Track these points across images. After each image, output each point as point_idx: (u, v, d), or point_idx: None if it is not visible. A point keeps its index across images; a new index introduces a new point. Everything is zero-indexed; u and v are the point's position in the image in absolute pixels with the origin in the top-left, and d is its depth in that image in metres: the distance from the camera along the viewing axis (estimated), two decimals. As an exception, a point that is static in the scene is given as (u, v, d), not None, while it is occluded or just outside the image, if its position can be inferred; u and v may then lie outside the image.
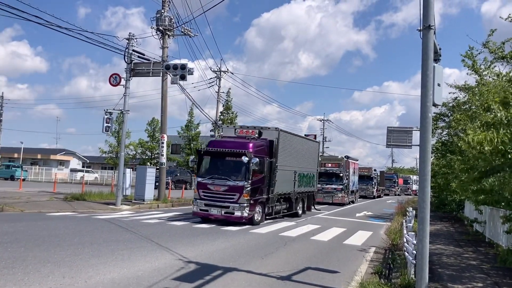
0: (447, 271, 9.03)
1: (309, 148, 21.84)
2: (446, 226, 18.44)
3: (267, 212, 16.97)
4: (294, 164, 19.26)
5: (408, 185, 74.47)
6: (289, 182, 18.68)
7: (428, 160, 6.32)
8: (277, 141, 17.02)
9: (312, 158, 22.15)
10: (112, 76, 21.07)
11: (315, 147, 23.36)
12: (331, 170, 32.05)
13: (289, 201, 19.12)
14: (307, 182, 21.17)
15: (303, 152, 20.62)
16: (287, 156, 18.27)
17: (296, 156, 19.53)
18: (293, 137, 19.63)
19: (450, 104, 20.15)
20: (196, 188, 16.33)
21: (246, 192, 15.31)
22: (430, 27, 6.28)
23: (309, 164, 21.61)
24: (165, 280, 7.22)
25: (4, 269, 7.27)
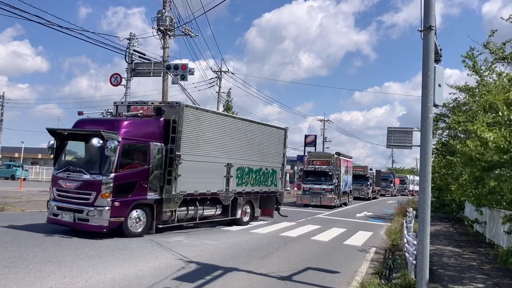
0: (447, 271, 9.03)
1: (266, 137, 17.13)
2: (446, 227, 18.45)
3: (163, 219, 12.43)
4: (228, 155, 14.74)
5: (405, 185, 72.09)
6: (214, 179, 14.13)
7: (428, 161, 6.33)
8: (179, 121, 12.48)
9: (272, 150, 17.58)
10: (113, 76, 21.14)
11: (278, 136, 18.07)
12: (319, 168, 29.25)
13: (220, 204, 14.62)
14: (261, 180, 16.72)
15: (250, 140, 16.09)
16: (209, 143, 13.84)
17: (232, 144, 14.99)
18: (224, 119, 15.01)
19: (450, 104, 20.16)
20: (51, 185, 12.41)
21: (106, 190, 11.01)
22: (431, 27, 6.29)
23: (266, 157, 17.07)
24: (165, 280, 7.23)
25: (5, 268, 7.28)
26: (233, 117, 16.97)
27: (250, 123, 16.67)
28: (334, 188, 28.57)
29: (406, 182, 72.93)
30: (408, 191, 70.91)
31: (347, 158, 33.93)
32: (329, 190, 28.27)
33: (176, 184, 12.52)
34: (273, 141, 17.69)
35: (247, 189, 15.85)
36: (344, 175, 31.67)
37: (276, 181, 17.83)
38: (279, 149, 18.16)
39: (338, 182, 29.39)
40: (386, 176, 61.22)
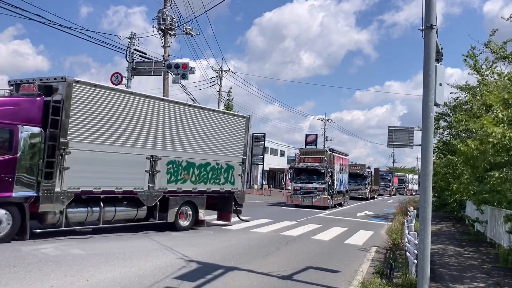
0: (448, 271, 9.02)
1: (217, 125, 14.32)
2: (447, 226, 18.43)
3: (49, 222, 10.40)
4: (152, 146, 12.26)
5: (404, 184, 70.16)
6: (129, 174, 11.71)
7: (430, 160, 6.32)
8: (65, 101, 10.22)
9: (228, 141, 14.76)
10: (113, 75, 21.14)
11: (236, 125, 15.13)
12: (311, 166, 27.07)
13: (142, 204, 12.14)
14: (208, 176, 13.97)
15: (191, 129, 13.47)
16: (119, 130, 11.38)
17: (160, 133, 12.49)
18: (145, 102, 12.14)
19: (451, 104, 20.17)
20: None
21: None
22: (432, 26, 6.29)
23: (218, 149, 14.33)
24: (166, 279, 7.23)
25: (6, 267, 7.28)
26: (160, 99, 13.26)
27: (190, 108, 13.79)
28: (327, 187, 26.42)
29: (405, 181, 71.10)
30: (407, 190, 69.25)
31: (342, 155, 31.99)
32: (321, 190, 26.09)
33: (63, 179, 10.25)
34: (229, 131, 14.81)
35: (185, 187, 13.25)
36: (339, 173, 29.58)
37: (234, 179, 14.97)
38: (239, 141, 15.24)
39: (332, 180, 27.29)
40: (385, 175, 59.31)
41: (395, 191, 63.14)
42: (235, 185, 15.09)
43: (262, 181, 57.01)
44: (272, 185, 57.85)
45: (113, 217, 11.61)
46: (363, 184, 42.02)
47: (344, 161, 32.08)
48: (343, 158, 31.96)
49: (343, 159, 31.68)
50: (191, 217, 13.58)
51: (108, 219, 11.48)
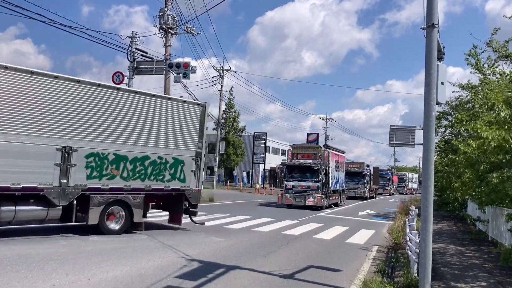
0: (450, 270, 9.02)
1: (161, 114, 12.50)
2: (449, 225, 18.42)
3: None
4: (64, 135, 10.55)
5: (404, 183, 68.07)
6: (32, 167, 10.02)
7: (431, 159, 6.31)
8: None
9: (177, 133, 12.80)
10: (115, 74, 21.14)
11: (188, 114, 13.13)
12: (304, 163, 25.16)
13: (51, 204, 10.38)
14: (148, 172, 12.14)
15: (124, 117, 11.62)
16: (19, 114, 9.77)
17: (77, 121, 10.74)
18: (54, 84, 10.37)
19: (453, 103, 20.14)
20: None
21: None
22: (434, 25, 6.28)
23: (162, 141, 12.49)
24: (168, 278, 7.24)
25: (7, 266, 7.30)
26: (75, 81, 10.92)
27: (121, 92, 11.88)
28: (321, 185, 24.66)
29: (405, 180, 69.12)
30: (407, 189, 67.51)
31: (338, 152, 30.30)
32: (315, 188, 24.33)
33: None
34: (177, 121, 12.86)
35: (113, 184, 11.39)
36: (335, 171, 27.84)
37: (184, 175, 12.95)
38: (191, 132, 13.22)
39: (327, 179, 25.47)
40: (384, 174, 57.33)
41: (395, 190, 61.66)
42: (186, 183, 13.01)
43: (264, 180, 57.05)
44: (274, 184, 57.87)
45: (13, 218, 9.88)
46: (362, 183, 40.41)
47: (340, 159, 30.34)
48: (339, 155, 30.39)
49: (339, 156, 30.01)
50: (123, 220, 11.71)
51: (6, 220, 9.82)
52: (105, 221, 11.36)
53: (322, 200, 24.42)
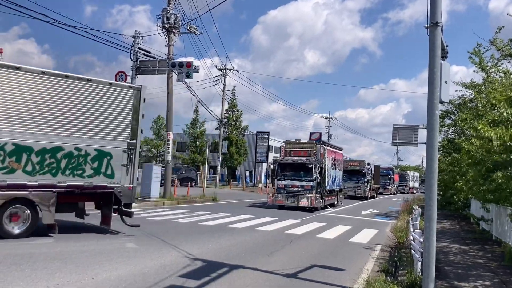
0: (453, 269, 9.00)
1: (81, 98, 10.81)
2: (452, 224, 18.38)
3: None
4: None
5: (406, 182, 65.89)
6: None
7: (435, 158, 6.29)
8: None
9: (101, 120, 11.11)
10: (118, 74, 21.17)
11: (118, 99, 11.49)
12: (298, 160, 23.21)
13: None
14: (64, 166, 10.49)
15: (29, 101, 9.98)
16: None
17: None
18: None
19: (456, 102, 20.08)
20: None
21: None
22: (437, 24, 6.25)
23: (80, 129, 10.75)
24: (171, 277, 7.25)
25: (12, 265, 7.32)
26: None
27: (23, 73, 9.99)
28: (316, 185, 22.60)
29: (406, 179, 67.02)
30: (409, 188, 65.43)
31: (335, 150, 28.18)
32: (309, 188, 22.33)
33: None
34: (102, 106, 11.18)
35: (13, 179, 9.78)
36: (331, 169, 25.80)
37: (113, 170, 11.33)
38: (122, 120, 11.57)
39: (322, 177, 23.58)
40: (385, 173, 54.91)
41: (396, 189, 60.11)
42: (115, 179, 11.34)
43: (266, 179, 57.03)
44: (276, 183, 57.81)
45: None
46: (362, 182, 38.51)
47: (337, 156, 28.25)
48: (337, 153, 28.17)
49: (336, 154, 27.79)
50: (28, 221, 10.02)
51: None
52: (4, 223, 9.63)
53: (316, 200, 22.46)
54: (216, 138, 48.79)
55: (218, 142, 46.12)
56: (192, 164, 49.17)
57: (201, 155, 50.94)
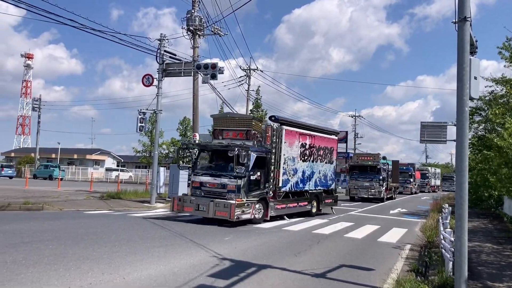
0: (486, 269, 8.80)
1: None
2: (484, 223, 17.95)
3: None
4: None
5: (427, 179, 59.87)
6: None
7: (465, 156, 6.17)
8: None
9: None
10: (145, 76, 21.48)
11: None
12: (226, 144, 15.36)
13: None
14: None
15: None
16: None
17: None
18: None
19: (486, 98, 19.61)
20: None
21: None
22: (466, 19, 6.13)
23: None
24: (200, 277, 7.32)
25: (47, 265, 7.53)
26: None
27: None
28: (246, 184, 14.65)
29: (427, 176, 60.53)
30: (430, 186, 60.39)
31: (310, 132, 18.42)
32: (232, 189, 14.52)
33: None
34: None
35: None
36: (297, 160, 17.10)
37: None
38: None
39: (266, 172, 15.56)
40: (404, 169, 48.22)
41: (417, 188, 53.44)
42: None
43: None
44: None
45: None
46: (377, 181, 31.71)
47: (319, 142, 18.94)
48: (316, 137, 18.72)
49: (314, 138, 18.53)
50: None
51: None
52: None
53: (246, 210, 14.29)
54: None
55: (244, 142, 46.10)
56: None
57: (227, 155, 51.07)
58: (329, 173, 20.10)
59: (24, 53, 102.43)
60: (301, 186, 17.76)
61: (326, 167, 19.85)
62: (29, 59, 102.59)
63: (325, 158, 19.62)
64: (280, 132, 16.03)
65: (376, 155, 33.75)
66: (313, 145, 18.46)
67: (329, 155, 20.01)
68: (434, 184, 64.12)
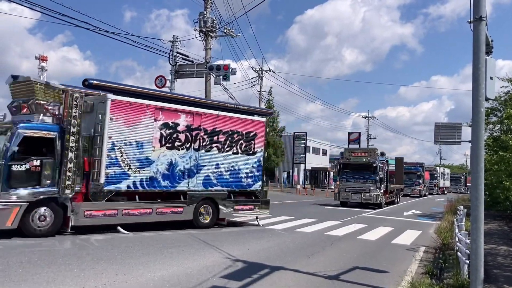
0: (503, 272, 8.67)
1: None
2: (500, 225, 17.71)
3: None
4: None
5: (435, 180, 56.19)
6: None
7: (481, 157, 6.10)
8: None
9: None
10: (157, 78, 21.65)
11: None
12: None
13: None
14: None
15: None
16: None
17: None
18: None
19: (502, 98, 19.37)
20: None
21: None
22: (482, 18, 6.05)
23: None
24: (213, 278, 7.33)
25: (61, 265, 7.61)
26: None
27: None
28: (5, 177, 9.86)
29: (436, 176, 56.73)
30: (438, 188, 56.99)
31: (188, 108, 13.07)
32: None
33: None
34: None
35: None
36: (156, 146, 12.26)
37: None
38: None
39: (60, 160, 10.62)
40: (412, 169, 44.88)
41: (427, 189, 49.64)
42: None
43: (305, 180, 56.79)
44: (315, 184, 57.47)
45: None
46: (373, 182, 25.74)
47: (210, 122, 13.50)
48: (204, 115, 13.37)
49: (201, 117, 13.28)
50: None
51: None
52: None
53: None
54: (254, 139, 48.80)
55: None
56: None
57: (239, 156, 51.16)
58: (247, 169, 14.51)
59: (39, 55, 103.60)
60: (166, 184, 12.55)
61: (240, 160, 14.31)
62: (43, 61, 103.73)
63: (235, 147, 14.16)
64: (102, 105, 11.35)
65: (372, 150, 28.57)
66: (199, 127, 13.18)
67: (245, 144, 14.46)
68: (443, 186, 61.20)
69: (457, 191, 63.61)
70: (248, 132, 14.59)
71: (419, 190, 45.36)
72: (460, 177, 74.62)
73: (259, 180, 15.01)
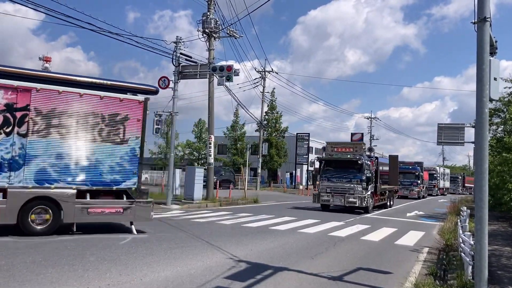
0: (507, 273, 8.65)
1: None
2: (503, 226, 17.66)
3: None
4: None
5: (435, 181, 53.38)
6: None
7: (485, 158, 6.08)
8: None
9: None
10: (161, 79, 21.62)
11: None
12: None
13: None
14: None
15: None
16: None
17: None
18: None
19: (505, 99, 19.35)
20: None
21: None
22: (486, 19, 6.04)
23: None
24: (217, 279, 7.34)
25: (65, 266, 7.63)
26: None
27: None
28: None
29: (435, 177, 53.74)
30: (438, 189, 54.52)
31: None
32: None
33: None
34: None
35: None
36: None
37: None
38: None
39: None
40: (410, 169, 42.92)
41: (425, 190, 47.35)
42: None
43: (307, 181, 56.76)
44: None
45: None
46: (358, 182, 21.95)
47: (36, 98, 10.55)
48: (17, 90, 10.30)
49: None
50: None
51: None
52: None
53: None
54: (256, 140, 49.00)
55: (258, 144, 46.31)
56: (233, 166, 49.59)
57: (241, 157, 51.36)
58: (113, 161, 11.55)
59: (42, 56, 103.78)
60: None
61: (100, 150, 11.40)
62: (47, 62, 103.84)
63: (91, 132, 11.26)
64: None
65: (358, 144, 25.31)
66: (27, 107, 10.45)
67: (108, 129, 11.54)
68: (443, 186, 58.46)
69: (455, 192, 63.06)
70: (114, 114, 11.58)
71: (417, 192, 42.73)
72: (458, 177, 73.44)
73: (133, 176, 11.75)
